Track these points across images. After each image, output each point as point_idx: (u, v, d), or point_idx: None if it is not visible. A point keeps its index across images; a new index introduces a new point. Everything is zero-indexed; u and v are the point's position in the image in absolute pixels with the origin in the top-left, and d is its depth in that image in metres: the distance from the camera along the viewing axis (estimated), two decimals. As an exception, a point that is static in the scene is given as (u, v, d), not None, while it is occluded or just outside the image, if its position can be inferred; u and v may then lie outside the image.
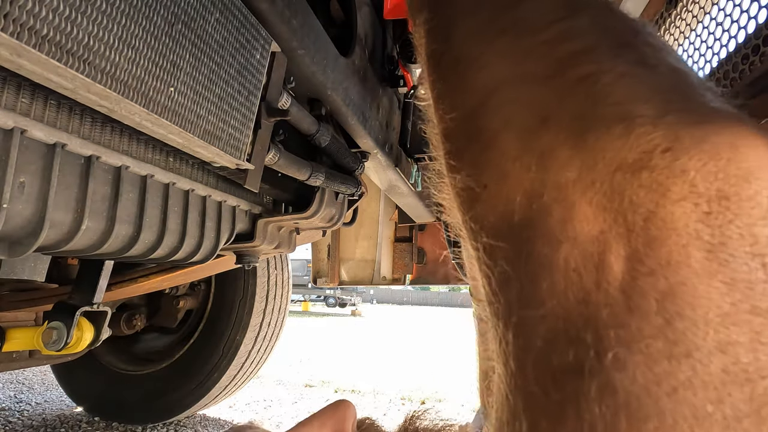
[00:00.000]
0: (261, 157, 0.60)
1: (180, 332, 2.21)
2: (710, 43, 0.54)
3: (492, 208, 0.25)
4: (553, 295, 0.20)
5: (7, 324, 1.19)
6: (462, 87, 0.29)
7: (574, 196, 0.21)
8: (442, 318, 16.40)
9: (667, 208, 0.19)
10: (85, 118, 0.48)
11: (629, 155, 0.21)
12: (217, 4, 0.47)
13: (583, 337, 0.19)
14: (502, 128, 0.25)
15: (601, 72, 0.24)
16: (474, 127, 0.27)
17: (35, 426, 2.23)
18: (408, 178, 1.12)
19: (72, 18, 0.33)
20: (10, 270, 1.34)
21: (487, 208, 0.25)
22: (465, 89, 0.29)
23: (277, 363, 4.59)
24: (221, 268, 1.48)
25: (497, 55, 0.28)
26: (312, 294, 18.25)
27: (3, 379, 3.15)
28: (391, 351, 6.42)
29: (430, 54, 0.34)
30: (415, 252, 2.05)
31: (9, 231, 0.44)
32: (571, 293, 0.20)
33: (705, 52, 0.55)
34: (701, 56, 0.56)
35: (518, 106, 0.25)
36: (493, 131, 0.26)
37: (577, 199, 0.21)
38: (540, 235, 0.22)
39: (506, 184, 0.24)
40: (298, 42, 0.59)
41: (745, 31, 0.48)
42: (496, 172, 0.25)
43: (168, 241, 0.63)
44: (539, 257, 0.21)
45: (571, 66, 0.24)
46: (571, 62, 0.25)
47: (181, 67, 0.44)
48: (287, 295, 2.28)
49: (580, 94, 0.23)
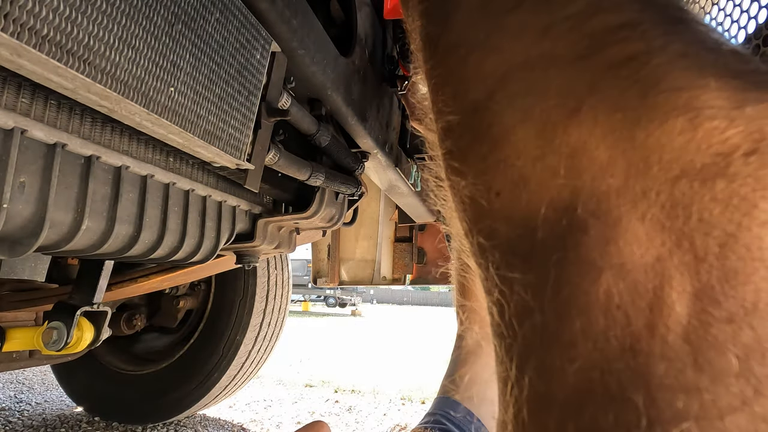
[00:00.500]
0: (261, 157, 0.60)
1: (180, 332, 2.22)
2: (710, 43, 0.54)
3: (507, 222, 0.20)
4: (589, 337, 0.16)
5: (7, 324, 1.19)
6: (465, 75, 0.24)
7: (620, 210, 0.16)
8: (443, 318, 16.40)
9: (753, 231, 0.15)
10: (85, 118, 0.48)
11: (697, 158, 0.16)
12: (217, 4, 0.47)
13: (629, 398, 0.14)
14: (518, 122, 0.20)
15: (650, 51, 0.18)
16: (481, 121, 0.22)
17: (35, 426, 2.23)
18: (408, 178, 1.12)
19: (72, 18, 0.33)
20: (11, 270, 1.34)
21: (500, 220, 0.21)
22: (469, 77, 0.24)
23: (277, 363, 4.59)
24: (221, 268, 1.48)
25: (508, 34, 0.23)
26: (312, 294, 18.25)
27: (3, 379, 3.15)
28: (391, 351, 6.42)
29: (426, 38, 0.29)
30: (415, 252, 2.05)
31: (9, 231, 0.44)
32: (615, 337, 0.15)
33: (705, 52, 0.55)
34: (701, 56, 0.56)
35: (538, 95, 0.20)
36: (506, 126, 0.21)
37: (625, 214, 0.16)
38: (573, 259, 0.17)
39: (526, 191, 0.20)
40: (298, 42, 0.59)
41: (745, 31, 0.48)
42: (511, 176, 0.20)
43: (168, 241, 0.63)
44: (571, 287, 0.17)
45: (608, 43, 0.19)
46: (607, 39, 0.19)
47: (181, 67, 0.44)
48: (287, 295, 2.28)
49: (623, 79, 0.18)
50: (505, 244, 0.20)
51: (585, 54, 0.20)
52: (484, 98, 0.23)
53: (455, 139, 0.25)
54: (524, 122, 0.20)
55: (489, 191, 0.21)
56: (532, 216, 0.19)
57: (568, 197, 0.18)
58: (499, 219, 0.21)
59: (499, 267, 0.20)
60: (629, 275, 0.16)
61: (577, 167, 0.18)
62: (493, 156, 0.21)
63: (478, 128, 0.23)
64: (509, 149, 0.21)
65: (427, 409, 0.68)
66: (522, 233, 0.19)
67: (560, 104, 0.19)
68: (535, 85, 0.21)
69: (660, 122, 0.17)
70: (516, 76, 0.22)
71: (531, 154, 0.20)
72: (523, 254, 0.19)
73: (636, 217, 0.16)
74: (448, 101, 0.25)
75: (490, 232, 0.21)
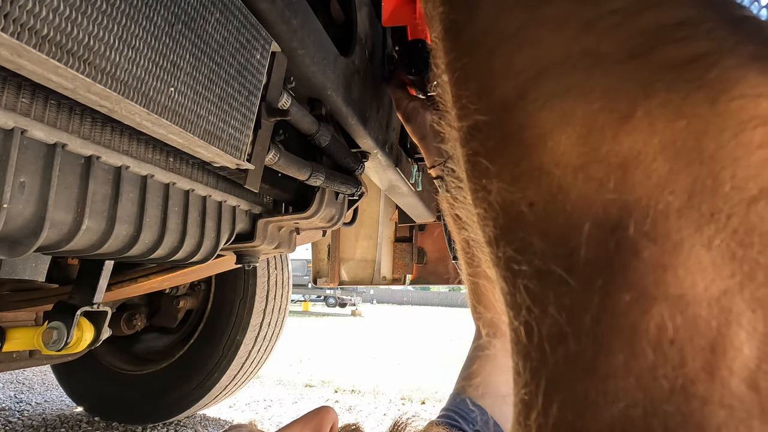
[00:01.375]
0: (261, 157, 0.60)
1: (180, 332, 2.22)
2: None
3: (544, 236, 0.18)
4: (633, 372, 0.14)
5: (8, 324, 1.19)
6: (492, 69, 0.22)
7: (682, 233, 0.15)
8: (443, 318, 16.40)
9: None
10: (85, 118, 0.48)
11: None
12: (217, 4, 0.47)
13: None
14: (557, 126, 0.18)
15: (718, 51, 0.16)
16: (511, 122, 0.20)
17: (35, 426, 2.23)
18: (408, 178, 1.12)
19: (72, 18, 0.33)
20: (11, 270, 1.34)
21: (536, 234, 0.19)
22: (497, 72, 0.22)
23: (277, 363, 4.59)
24: (221, 268, 1.48)
25: (545, 27, 0.21)
26: (312, 294, 18.25)
27: (3, 379, 3.15)
28: (391, 351, 6.42)
29: (449, 26, 0.26)
30: (415, 252, 2.05)
31: (9, 231, 0.44)
32: (664, 377, 0.14)
33: (705, 52, 0.55)
34: (701, 56, 0.56)
35: (580, 96, 0.18)
36: (541, 129, 0.19)
37: (687, 238, 0.14)
38: (621, 285, 0.15)
39: (566, 204, 0.17)
40: (298, 42, 0.59)
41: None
42: (548, 186, 0.18)
43: (168, 241, 0.63)
44: (617, 316, 0.15)
45: (666, 42, 0.17)
46: (665, 37, 0.17)
47: (181, 67, 0.44)
48: (287, 295, 2.28)
49: (687, 82, 0.16)
50: (540, 260, 0.18)
51: (638, 52, 0.17)
52: (515, 96, 0.20)
53: (483, 140, 0.22)
54: (564, 126, 0.18)
55: (522, 200, 0.19)
56: (574, 233, 0.17)
57: (617, 214, 0.16)
58: (534, 232, 0.19)
59: (530, 284, 0.18)
60: (689, 309, 0.14)
61: (629, 181, 0.16)
62: (526, 161, 0.19)
63: (508, 129, 0.21)
64: (546, 155, 0.19)
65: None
66: (561, 252, 0.17)
67: (608, 108, 0.17)
68: (578, 85, 0.18)
69: (734, 133, 0.15)
70: (553, 73, 0.19)
71: (572, 162, 0.18)
72: (561, 274, 0.17)
73: (701, 243, 0.14)
74: (473, 98, 0.23)
75: (522, 246, 0.19)
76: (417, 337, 8.77)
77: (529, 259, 0.18)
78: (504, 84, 0.21)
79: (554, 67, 0.19)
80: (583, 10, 0.19)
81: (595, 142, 0.17)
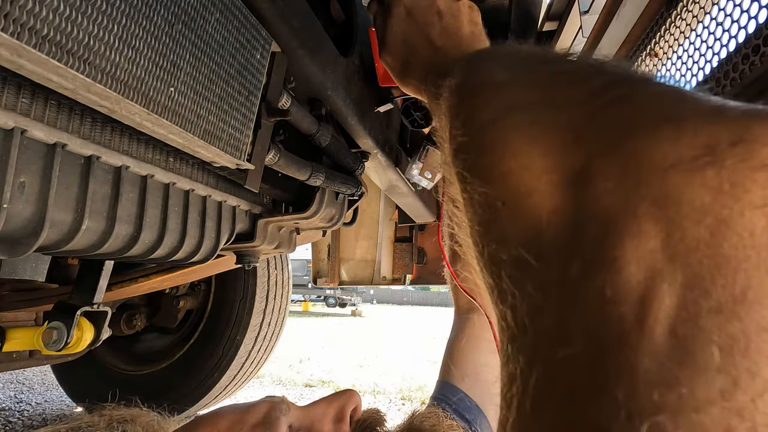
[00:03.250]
0: (261, 157, 0.60)
1: (180, 332, 2.21)
2: (710, 43, 0.54)
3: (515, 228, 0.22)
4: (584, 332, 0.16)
5: (8, 324, 1.19)
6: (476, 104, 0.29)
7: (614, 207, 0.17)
8: (443, 318, 16.40)
9: (746, 216, 0.14)
10: (85, 118, 0.48)
11: (686, 152, 0.16)
12: (217, 4, 0.47)
13: (612, 392, 0.15)
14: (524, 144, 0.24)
15: (635, 92, 0.22)
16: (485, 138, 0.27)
17: (35, 426, 2.23)
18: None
19: (72, 18, 0.33)
20: (11, 270, 1.34)
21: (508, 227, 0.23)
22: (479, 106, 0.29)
23: (277, 363, 4.59)
24: (221, 268, 1.48)
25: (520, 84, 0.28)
26: (312, 294, 18.25)
27: (3, 379, 3.15)
28: (391, 351, 6.42)
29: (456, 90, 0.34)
30: (415, 252, 2.05)
31: (9, 231, 0.44)
32: (606, 334, 0.16)
33: (705, 52, 0.55)
34: (701, 56, 0.56)
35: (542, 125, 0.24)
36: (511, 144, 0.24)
37: (619, 210, 0.17)
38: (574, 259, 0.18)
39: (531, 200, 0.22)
40: (298, 42, 0.59)
41: (745, 31, 0.48)
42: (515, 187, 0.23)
43: (168, 241, 0.63)
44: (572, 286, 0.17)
45: (603, 92, 0.23)
46: (603, 90, 0.23)
47: (181, 67, 0.44)
48: (287, 295, 2.28)
49: (616, 110, 0.21)
50: (515, 248, 0.21)
51: (585, 99, 0.23)
52: (490, 121, 0.27)
53: (464, 157, 0.28)
54: (530, 144, 0.23)
55: (497, 200, 0.24)
56: (538, 221, 0.21)
57: (571, 203, 0.20)
58: (508, 225, 0.22)
59: (511, 271, 0.21)
60: (623, 270, 0.16)
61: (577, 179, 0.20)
62: (497, 168, 0.24)
63: (483, 145, 0.27)
64: (513, 163, 0.23)
65: None
66: (530, 237, 0.21)
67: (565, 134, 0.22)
68: (542, 120, 0.24)
69: (651, 131, 0.18)
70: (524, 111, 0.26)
71: (536, 169, 0.22)
72: (533, 257, 0.20)
73: (627, 211, 0.17)
74: (460, 127, 0.29)
75: (501, 238, 0.23)
76: (417, 337, 8.77)
77: (508, 249, 0.22)
78: (483, 113, 0.28)
79: (524, 107, 0.26)
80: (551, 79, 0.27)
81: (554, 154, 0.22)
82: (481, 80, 0.32)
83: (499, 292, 0.22)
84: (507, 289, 0.21)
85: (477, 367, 0.76)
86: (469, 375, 0.75)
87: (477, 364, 0.77)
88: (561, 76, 0.27)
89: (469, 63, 0.37)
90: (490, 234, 0.24)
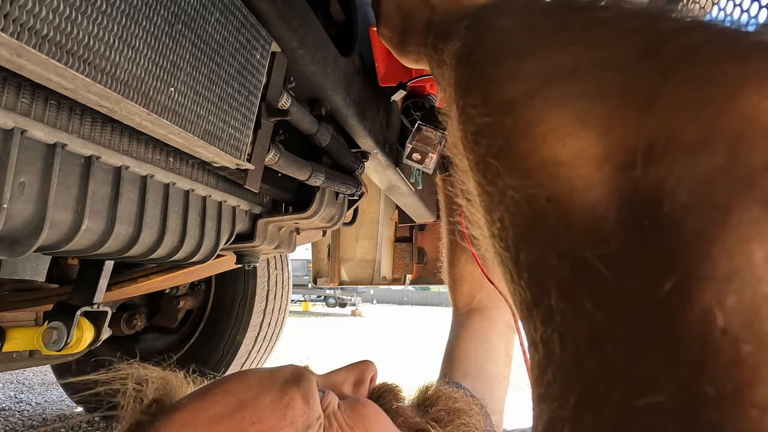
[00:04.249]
0: (261, 157, 0.60)
1: (180, 332, 2.21)
2: (710, 43, 0.54)
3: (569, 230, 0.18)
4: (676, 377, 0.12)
5: (8, 324, 1.19)
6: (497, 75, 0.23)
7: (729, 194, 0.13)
8: (443, 318, 16.40)
9: None
10: (85, 118, 0.48)
11: None
12: (217, 4, 0.47)
13: None
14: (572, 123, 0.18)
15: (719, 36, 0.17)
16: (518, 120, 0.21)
17: (35, 426, 2.23)
18: (408, 178, 1.12)
19: (72, 18, 0.33)
20: (11, 270, 1.34)
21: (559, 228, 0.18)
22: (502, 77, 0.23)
23: (277, 363, 4.58)
24: (221, 268, 1.48)
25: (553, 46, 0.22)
26: (312, 294, 18.24)
27: (3, 379, 3.15)
28: (391, 351, 6.41)
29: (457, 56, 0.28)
30: (415, 252, 2.05)
31: (9, 231, 0.44)
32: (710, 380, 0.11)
33: (705, 52, 0.55)
34: (701, 56, 0.56)
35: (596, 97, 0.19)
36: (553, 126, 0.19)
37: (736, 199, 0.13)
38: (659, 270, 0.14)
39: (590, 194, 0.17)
40: (298, 42, 0.59)
41: (745, 31, 0.48)
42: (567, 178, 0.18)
43: (168, 241, 0.63)
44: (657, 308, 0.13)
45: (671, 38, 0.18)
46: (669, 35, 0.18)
47: (181, 67, 0.44)
48: (287, 295, 2.28)
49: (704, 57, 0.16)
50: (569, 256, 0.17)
51: (648, 52, 0.18)
52: (522, 95, 0.21)
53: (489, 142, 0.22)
54: (583, 123, 0.18)
55: (539, 196, 0.19)
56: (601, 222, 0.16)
57: (649, 192, 0.15)
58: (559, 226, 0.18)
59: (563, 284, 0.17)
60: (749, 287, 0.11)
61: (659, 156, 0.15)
62: (536, 155, 0.19)
63: (515, 127, 0.21)
64: (562, 151, 0.18)
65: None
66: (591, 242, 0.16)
67: (628, 102, 0.17)
68: (592, 88, 0.19)
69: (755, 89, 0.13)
70: (565, 79, 0.20)
71: (595, 154, 0.17)
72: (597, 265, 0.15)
73: (754, 201, 0.12)
74: (479, 105, 0.23)
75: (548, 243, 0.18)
76: (417, 337, 8.77)
77: (558, 256, 0.17)
78: (510, 86, 0.22)
79: (564, 74, 0.20)
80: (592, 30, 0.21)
81: (619, 134, 0.17)
82: (500, 43, 0.25)
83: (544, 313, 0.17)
84: (556, 308, 0.17)
85: (478, 366, 0.76)
86: (471, 374, 0.74)
87: (478, 363, 0.77)
88: (602, 27, 0.21)
89: (477, 20, 0.29)
90: (531, 237, 0.19)
